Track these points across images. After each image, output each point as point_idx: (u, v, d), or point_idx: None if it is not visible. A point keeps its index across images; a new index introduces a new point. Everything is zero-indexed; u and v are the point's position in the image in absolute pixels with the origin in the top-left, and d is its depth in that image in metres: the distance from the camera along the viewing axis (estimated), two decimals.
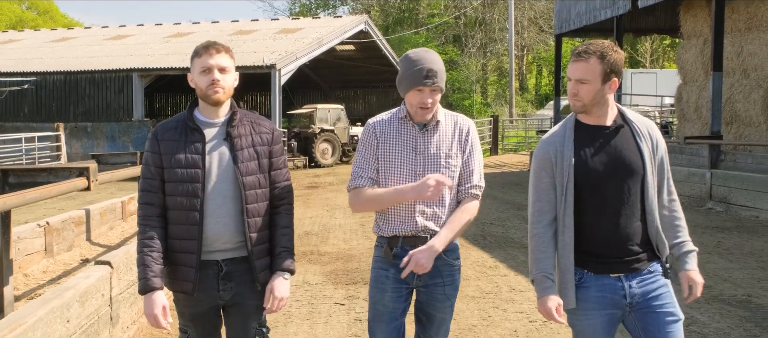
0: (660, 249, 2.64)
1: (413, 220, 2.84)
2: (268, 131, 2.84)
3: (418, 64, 2.79)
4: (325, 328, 5.13)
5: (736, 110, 13.76)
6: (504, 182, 17.30)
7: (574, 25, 19.52)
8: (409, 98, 2.84)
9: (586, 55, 2.56)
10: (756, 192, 10.49)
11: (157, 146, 2.73)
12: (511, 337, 4.87)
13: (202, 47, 2.75)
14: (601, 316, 2.60)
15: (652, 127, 2.69)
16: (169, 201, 2.71)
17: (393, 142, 2.88)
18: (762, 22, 13.02)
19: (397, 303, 2.89)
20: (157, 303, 2.61)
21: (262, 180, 2.78)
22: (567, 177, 2.61)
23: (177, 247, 2.70)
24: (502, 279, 6.61)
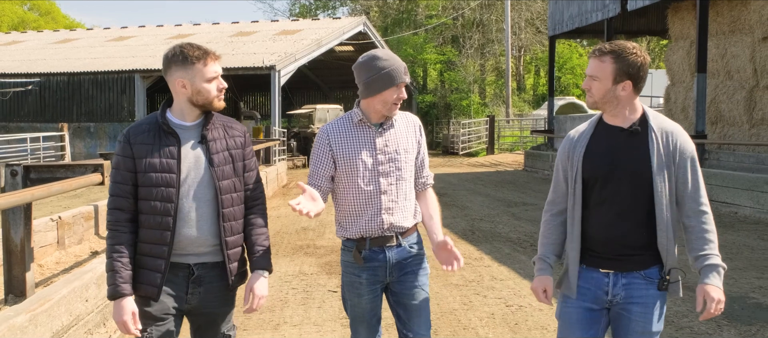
0: (668, 259, 2.60)
1: (379, 219, 2.89)
2: (240, 134, 2.83)
3: (392, 62, 2.86)
4: (319, 312, 5.58)
5: (720, 110, 14.20)
6: (498, 181, 17.75)
7: (567, 27, 19.97)
8: (385, 96, 2.86)
9: (601, 53, 2.58)
10: (735, 189, 10.93)
11: (130, 150, 2.66)
12: (489, 319, 5.31)
13: (201, 53, 2.68)
14: (578, 308, 2.65)
15: (676, 133, 2.62)
16: (142, 205, 2.65)
17: (352, 145, 2.92)
18: (745, 25, 13.45)
19: (374, 303, 2.98)
20: (127, 310, 2.58)
21: (237, 184, 2.77)
22: (576, 171, 2.66)
23: (146, 251, 2.66)
24: (486, 270, 7.06)
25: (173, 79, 2.69)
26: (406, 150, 2.96)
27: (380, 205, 2.89)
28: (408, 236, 2.97)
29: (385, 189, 2.91)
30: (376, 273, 2.93)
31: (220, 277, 2.74)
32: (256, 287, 2.76)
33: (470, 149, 29.66)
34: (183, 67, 2.67)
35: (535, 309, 5.51)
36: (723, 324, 5.00)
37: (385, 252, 2.92)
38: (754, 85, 13.26)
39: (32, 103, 26.56)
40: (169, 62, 2.70)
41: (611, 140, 2.63)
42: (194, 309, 2.76)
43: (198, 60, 2.66)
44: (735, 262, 7.12)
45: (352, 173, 2.91)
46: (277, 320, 5.36)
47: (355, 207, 2.92)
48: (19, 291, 4.80)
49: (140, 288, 2.65)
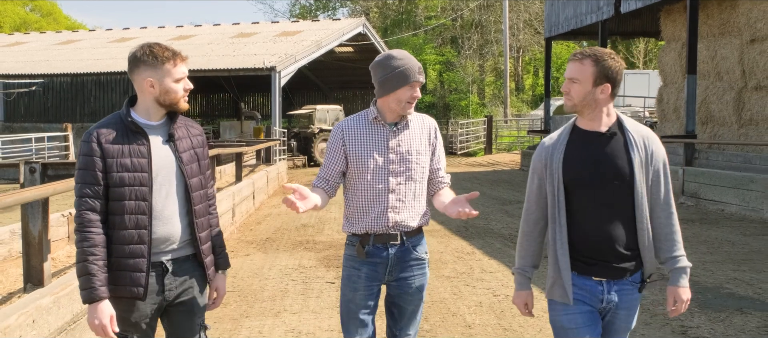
0: (647, 261, 2.68)
1: (385, 217, 2.93)
2: (200, 133, 2.87)
3: (407, 61, 2.91)
4: (317, 301, 5.92)
5: (710, 111, 14.54)
6: (494, 180, 18.09)
7: (562, 29, 20.31)
8: (399, 94, 2.90)
9: (582, 56, 2.65)
10: (722, 187, 11.27)
11: (99, 150, 2.61)
12: (476, 307, 5.66)
13: (170, 53, 2.67)
14: (582, 312, 2.67)
15: (651, 137, 2.70)
16: (114, 206, 2.61)
17: (364, 142, 2.97)
18: (734, 28, 13.79)
19: (369, 300, 2.97)
20: (105, 313, 2.54)
21: (203, 181, 2.82)
22: (557, 178, 2.67)
23: (124, 253, 2.62)
24: (477, 263, 7.40)
25: (141, 78, 2.66)
26: (419, 151, 2.99)
27: (387, 203, 2.92)
28: (412, 237, 3.00)
29: (394, 188, 2.94)
30: (376, 269, 2.96)
31: (194, 269, 2.78)
32: (220, 286, 2.88)
33: (468, 149, 30.00)
34: (152, 67, 2.65)
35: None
36: (695, 311, 5.34)
37: (388, 249, 2.94)
38: (743, 86, 13.60)
39: (36, 104, 26.92)
40: (138, 61, 2.67)
41: (590, 145, 2.66)
42: (170, 304, 2.75)
43: (167, 60, 2.65)
44: (714, 256, 7.46)
45: (363, 170, 2.94)
46: (277, 308, 5.70)
47: (363, 204, 2.95)
48: (37, 280, 5.14)
49: (123, 290, 2.61)
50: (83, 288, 2.55)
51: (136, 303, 2.64)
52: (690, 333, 4.85)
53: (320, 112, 26.16)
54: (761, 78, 12.98)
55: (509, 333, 4.98)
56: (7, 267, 6.28)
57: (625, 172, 2.62)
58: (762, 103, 12.91)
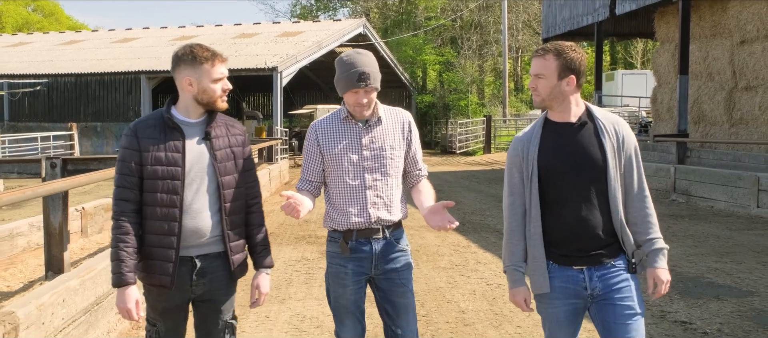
0: (625, 243, 2.70)
1: (366, 212, 2.98)
2: (241, 133, 2.95)
3: (352, 67, 2.93)
4: (320, 290, 6.26)
5: (702, 110, 14.88)
6: (491, 178, 18.44)
7: (559, 30, 20.65)
8: (346, 98, 2.99)
9: (544, 52, 2.69)
10: (712, 185, 11.62)
11: (137, 143, 2.74)
12: (470, 295, 6.00)
13: (210, 54, 2.79)
14: (565, 305, 2.70)
15: (620, 123, 2.76)
16: (148, 197, 2.73)
17: (338, 141, 3.02)
18: (725, 30, 14.14)
19: (359, 294, 3.04)
20: (131, 298, 2.67)
21: (239, 180, 2.86)
22: (531, 170, 2.71)
23: (155, 243, 2.73)
24: (472, 255, 7.75)
25: (181, 77, 2.78)
26: (393, 146, 3.04)
27: (366, 200, 2.98)
28: (395, 230, 3.05)
29: (371, 185, 2.99)
30: (362, 264, 3.01)
31: (223, 267, 2.84)
32: (262, 284, 2.94)
33: (467, 148, 30.34)
34: (192, 66, 2.76)
35: None
36: (675, 298, 5.68)
37: (371, 244, 2.99)
38: (733, 86, 13.95)
39: (40, 103, 27.28)
40: (179, 60, 2.79)
41: (563, 136, 2.71)
42: (199, 298, 2.85)
43: (206, 60, 2.76)
44: (699, 249, 7.81)
45: (338, 169, 3.00)
46: (283, 296, 6.05)
47: (342, 201, 3.00)
48: (57, 268, 5.49)
49: (153, 278, 2.74)
50: (113, 273, 2.70)
51: (166, 293, 2.75)
52: (668, 318, 5.19)
53: (321, 111, 26.51)
54: (751, 78, 13.33)
55: (500, 317, 5.33)
56: (27, 258, 6.62)
57: (597, 159, 2.67)
58: (751, 103, 13.25)
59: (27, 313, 3.36)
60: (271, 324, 5.24)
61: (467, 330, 5.00)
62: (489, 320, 5.27)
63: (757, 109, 13.06)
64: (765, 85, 12.94)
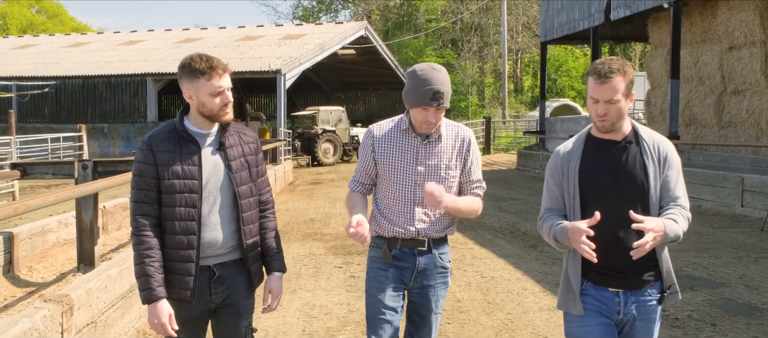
0: (664, 271, 2.64)
1: (412, 226, 2.94)
2: (253, 141, 2.93)
3: (427, 84, 2.83)
4: (327, 282, 6.79)
5: (693, 113, 15.39)
6: (490, 179, 18.94)
7: (557, 34, 21.15)
8: (414, 113, 2.90)
9: (611, 74, 2.54)
10: (700, 185, 12.13)
11: (152, 157, 2.71)
12: (466, 286, 6.52)
13: (207, 67, 2.70)
14: (598, 324, 2.63)
15: (665, 144, 2.67)
16: (166, 211, 2.71)
17: (395, 152, 2.98)
18: (715, 35, 14.64)
19: (396, 302, 2.98)
20: (164, 312, 2.66)
21: (253, 188, 2.87)
22: (573, 188, 2.65)
23: (174, 256, 2.72)
24: (469, 251, 8.27)
25: (183, 89, 2.75)
26: (449, 166, 2.98)
27: (414, 215, 2.94)
28: (439, 245, 3.01)
29: (421, 201, 2.93)
30: (403, 273, 2.97)
31: (240, 272, 2.85)
32: (275, 288, 2.93)
33: None
34: (189, 79, 2.71)
35: (504, 280, 6.73)
36: None
37: (415, 256, 2.95)
38: (722, 90, 14.46)
39: (48, 105, 27.84)
40: (180, 71, 2.75)
41: (606, 154, 2.65)
42: (218, 306, 2.84)
43: (202, 74, 2.69)
44: (681, 245, 8.31)
45: (390, 178, 2.96)
46: (293, 287, 6.57)
47: (390, 212, 2.98)
48: (88, 260, 6.01)
49: (173, 292, 2.71)
50: (142, 290, 2.67)
51: (186, 305, 2.74)
52: None
53: (323, 113, 26.98)
54: (739, 83, 13.84)
55: (492, 306, 5.85)
56: (56, 253, 7.14)
57: (640, 180, 2.60)
58: (739, 107, 13.76)
59: (78, 296, 3.89)
60: (284, 311, 5.76)
61: (462, 317, 5.52)
62: (482, 308, 5.79)
63: (744, 112, 13.57)
64: (752, 90, 13.45)
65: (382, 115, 26.41)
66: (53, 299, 3.61)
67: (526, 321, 5.42)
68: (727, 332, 5.02)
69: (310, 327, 5.32)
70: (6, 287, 5.89)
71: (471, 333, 5.12)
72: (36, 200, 4.43)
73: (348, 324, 5.38)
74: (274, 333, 5.21)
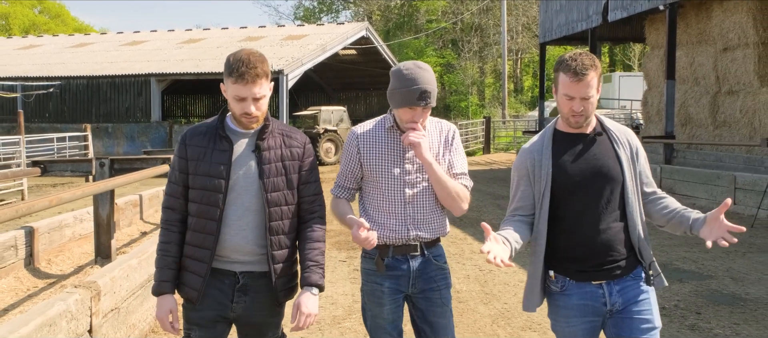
0: (643, 255, 2.61)
1: (404, 228, 2.85)
2: (299, 145, 2.76)
3: (414, 83, 2.74)
4: (332, 275, 7.10)
5: (689, 113, 15.70)
6: (490, 178, 19.25)
7: (556, 35, 21.45)
8: (399, 113, 2.82)
9: (586, 71, 2.50)
10: (694, 183, 12.43)
11: (185, 151, 2.67)
12: (464, 278, 6.83)
13: (244, 70, 2.56)
14: (582, 324, 2.60)
15: (630, 134, 2.69)
16: (192, 207, 2.66)
17: (381, 152, 2.88)
18: (709, 37, 14.94)
19: (396, 314, 2.91)
20: (165, 307, 2.63)
21: (289, 196, 2.70)
22: (544, 185, 2.59)
23: (190, 254, 2.66)
24: (468, 246, 8.58)
25: (224, 87, 2.68)
26: (436, 161, 2.89)
27: (406, 216, 2.85)
28: (432, 247, 2.92)
29: (411, 200, 2.86)
30: (399, 282, 2.88)
31: (267, 288, 2.69)
32: (303, 303, 2.67)
33: (467, 149, 31.16)
34: (226, 76, 2.63)
35: (501, 272, 7.04)
36: None
37: (409, 261, 2.87)
38: (717, 90, 14.76)
39: (53, 105, 28.16)
40: (224, 67, 2.67)
41: (579, 148, 2.62)
42: (240, 318, 2.72)
43: (229, 75, 2.60)
44: (672, 241, 8.63)
45: (378, 180, 2.87)
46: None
47: (379, 215, 2.88)
48: (105, 253, 6.32)
49: (183, 290, 2.68)
50: (154, 280, 2.70)
51: (201, 307, 2.66)
52: None
53: (325, 112, 27.27)
54: (733, 83, 14.14)
55: (489, 296, 6.16)
56: (72, 247, 7.44)
57: (616, 171, 2.58)
58: (733, 107, 14.06)
59: (105, 283, 4.19)
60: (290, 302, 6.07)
61: (461, 307, 5.82)
62: (480, 298, 6.10)
63: (738, 112, 13.87)
64: (745, 90, 13.75)
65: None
66: (83, 285, 3.91)
67: (521, 310, 5.71)
68: (710, 320, 5.32)
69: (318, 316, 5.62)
70: (28, 278, 6.20)
71: (469, 321, 5.43)
72: (66, 194, 4.75)
73: (353, 312, 5.68)
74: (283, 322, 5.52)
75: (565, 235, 2.60)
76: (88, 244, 7.33)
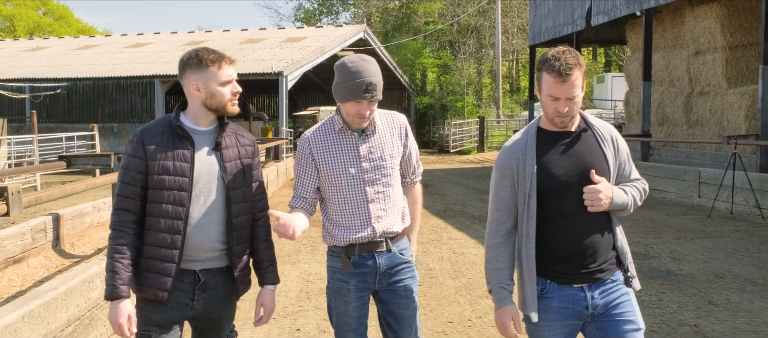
0: (622, 256, 2.57)
1: (369, 227, 2.84)
2: (250, 144, 2.82)
3: (358, 76, 2.74)
4: (322, 257, 7.98)
5: (665, 113, 16.59)
6: (479, 175, 20.16)
7: (544, 38, 22.37)
8: (346, 107, 2.80)
9: (570, 71, 2.41)
10: (665, 179, 13.33)
11: (143, 151, 2.61)
12: (439, 259, 7.73)
13: (216, 56, 2.67)
14: (563, 327, 2.56)
15: (613, 130, 2.64)
16: (152, 208, 2.61)
17: (334, 155, 2.86)
18: (684, 40, 15.83)
19: (361, 311, 2.91)
20: (123, 312, 2.55)
21: (247, 193, 2.75)
22: (529, 185, 2.51)
23: (154, 255, 2.61)
24: (446, 234, 9.48)
25: (188, 82, 2.67)
26: (392, 155, 2.91)
27: (368, 214, 2.84)
28: (397, 241, 2.93)
29: (372, 198, 2.85)
30: (365, 279, 2.89)
31: (225, 282, 2.74)
32: (267, 302, 2.81)
33: (462, 147, 32.06)
34: (198, 70, 2.65)
35: (472, 255, 7.94)
36: None
37: (375, 257, 2.87)
38: (690, 91, 15.66)
39: (60, 105, 29.10)
40: (185, 65, 2.68)
41: (562, 146, 2.55)
42: (198, 315, 2.75)
43: (212, 63, 2.65)
44: (632, 229, 9.52)
45: (337, 183, 2.85)
46: (293, 260, 7.78)
47: (343, 217, 2.86)
48: None
49: (149, 292, 2.62)
50: (107, 285, 2.57)
51: (161, 307, 2.64)
52: None
53: (324, 113, 28.14)
54: (704, 85, 15.04)
55: (457, 272, 7.06)
56: (91, 233, 8.33)
57: (603, 169, 2.52)
58: (704, 107, 14.96)
59: None
60: (285, 277, 6.96)
61: (431, 281, 6.72)
62: (448, 274, 7.00)
63: (708, 112, 14.76)
64: (715, 91, 14.64)
65: None
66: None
67: (483, 283, 6.61)
68: (640, 291, 6.21)
69: (307, 288, 6.53)
70: (56, 257, 7.10)
71: (436, 292, 6.32)
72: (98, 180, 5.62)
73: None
74: (277, 291, 6.41)
75: (550, 236, 2.53)
76: (105, 230, 8.23)
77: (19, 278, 6.36)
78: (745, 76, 14.22)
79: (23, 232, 6.65)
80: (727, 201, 11.10)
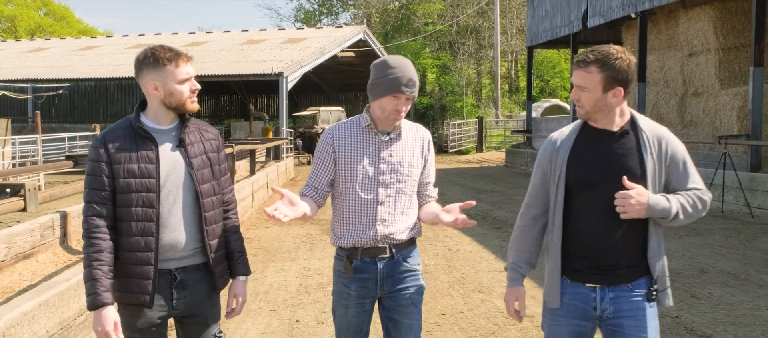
0: (654, 267, 2.49)
1: (373, 229, 2.84)
2: (214, 138, 2.82)
3: (398, 71, 2.77)
4: (321, 253, 8.24)
5: (660, 114, 16.83)
6: (478, 174, 20.40)
7: (541, 39, 22.61)
8: (383, 103, 2.81)
9: (586, 62, 2.45)
10: None
11: (107, 155, 2.59)
12: (434, 256, 7.97)
13: (172, 54, 2.63)
14: (568, 326, 2.54)
15: (666, 135, 2.53)
16: (122, 212, 2.58)
17: (356, 149, 2.87)
18: (678, 42, 16.08)
19: (361, 318, 2.91)
20: (109, 320, 2.51)
21: (216, 187, 2.76)
22: (559, 175, 2.54)
23: (131, 259, 2.59)
24: (442, 231, 9.72)
25: (146, 82, 2.64)
26: (411, 164, 2.92)
27: (376, 215, 2.84)
28: (403, 249, 2.91)
29: (383, 200, 2.85)
30: (366, 285, 2.88)
31: (204, 279, 2.74)
32: (240, 293, 2.83)
33: (461, 147, 32.30)
34: (154, 69, 2.62)
35: (466, 251, 8.19)
36: None
37: (377, 264, 2.86)
38: (684, 92, 15.91)
39: (63, 106, 29.38)
40: (141, 64, 2.65)
41: (599, 143, 2.53)
42: (182, 315, 2.74)
43: (169, 61, 2.62)
44: None
45: (352, 178, 2.86)
46: (293, 256, 8.03)
47: (351, 215, 2.87)
48: None
49: (130, 297, 2.60)
50: (88, 295, 2.53)
51: (143, 310, 2.63)
52: None
53: (324, 113, 28.39)
54: (697, 86, 15.28)
55: (451, 268, 7.30)
56: None
57: (635, 173, 2.46)
58: (698, 108, 15.20)
59: None
60: (285, 273, 7.21)
61: (425, 276, 6.95)
62: (442, 269, 7.24)
63: (701, 112, 15.00)
64: (708, 92, 14.89)
65: None
66: None
67: (475, 278, 6.86)
68: None
69: (306, 283, 6.78)
70: (63, 253, 7.35)
71: (430, 286, 6.56)
72: None
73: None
74: (277, 286, 6.66)
75: (572, 230, 2.54)
76: None
77: (29, 273, 6.61)
78: (737, 77, 14.47)
79: (32, 229, 6.89)
80: (718, 199, 11.32)
